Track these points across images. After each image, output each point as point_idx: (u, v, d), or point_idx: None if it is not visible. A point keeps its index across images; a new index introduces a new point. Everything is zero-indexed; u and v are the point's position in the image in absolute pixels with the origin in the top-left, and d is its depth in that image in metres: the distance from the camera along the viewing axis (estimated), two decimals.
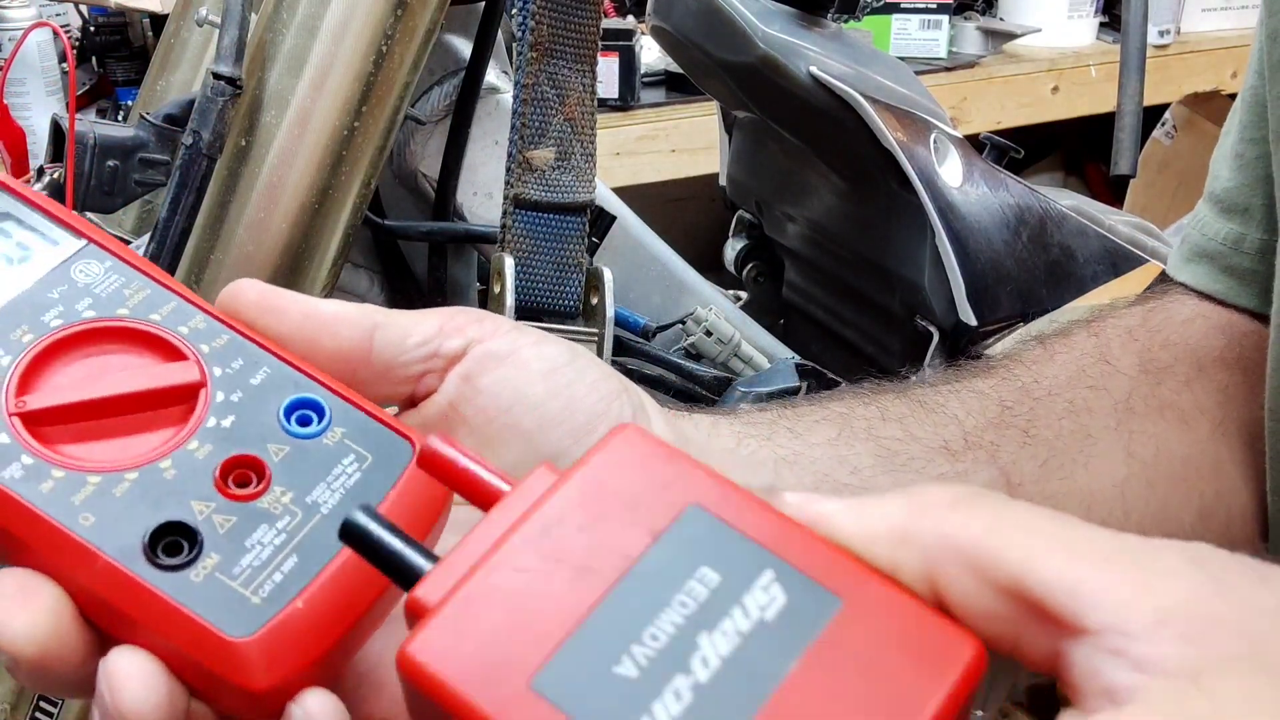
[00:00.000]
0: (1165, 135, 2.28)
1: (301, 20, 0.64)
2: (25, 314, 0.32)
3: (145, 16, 1.70)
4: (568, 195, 0.70)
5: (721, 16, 0.91)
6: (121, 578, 0.29)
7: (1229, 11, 2.32)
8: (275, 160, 0.64)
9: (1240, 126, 0.58)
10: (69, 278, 0.33)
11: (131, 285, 0.33)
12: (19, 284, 0.32)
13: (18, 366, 0.31)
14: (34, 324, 0.32)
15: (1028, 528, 0.24)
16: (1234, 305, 0.57)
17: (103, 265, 0.33)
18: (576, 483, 0.27)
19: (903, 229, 0.92)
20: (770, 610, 0.25)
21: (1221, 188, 0.58)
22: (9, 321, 0.32)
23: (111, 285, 0.33)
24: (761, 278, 1.15)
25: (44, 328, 0.32)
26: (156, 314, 0.33)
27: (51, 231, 0.34)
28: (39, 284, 0.32)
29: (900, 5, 1.99)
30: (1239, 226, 0.57)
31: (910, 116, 0.92)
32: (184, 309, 0.33)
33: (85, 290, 0.33)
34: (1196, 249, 0.59)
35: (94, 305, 0.32)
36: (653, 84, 1.83)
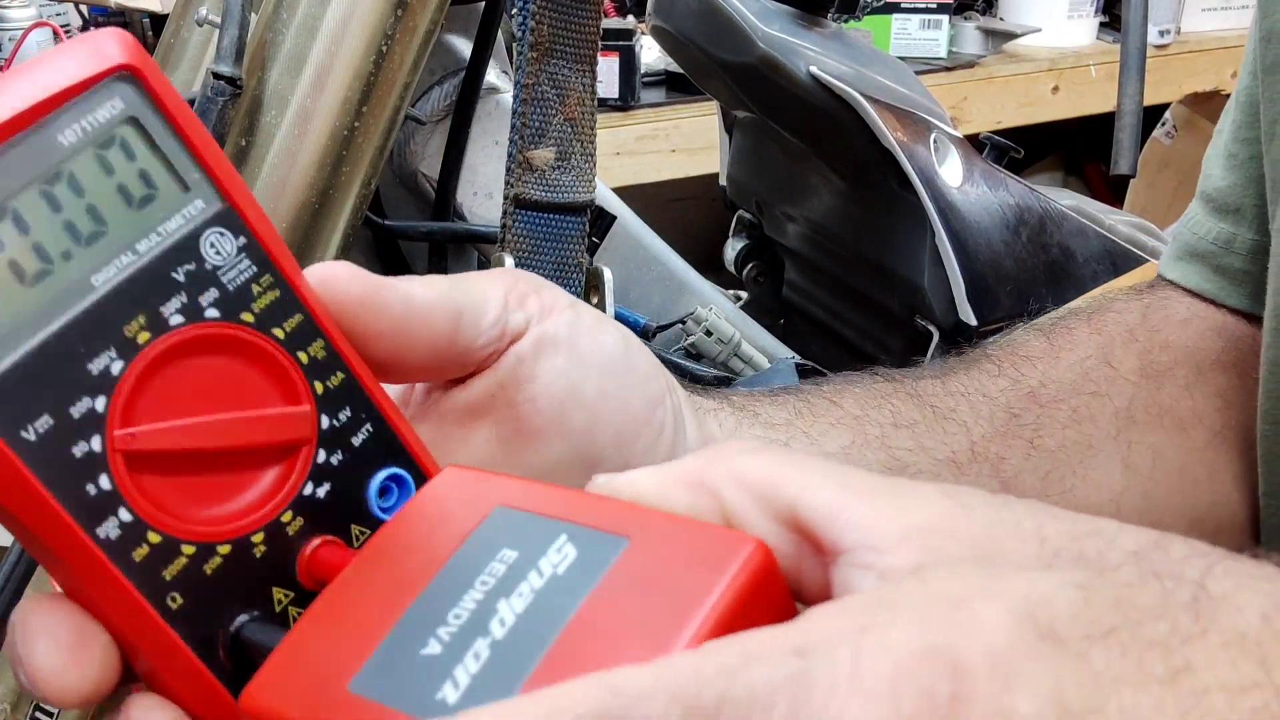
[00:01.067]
0: (1165, 135, 2.28)
1: (301, 20, 0.64)
2: (144, 298, 0.25)
3: (145, 16, 1.70)
4: (568, 195, 0.70)
5: (721, 16, 0.91)
6: (195, 671, 0.26)
7: (1229, 11, 2.32)
8: (275, 160, 0.64)
9: (1233, 126, 0.58)
10: (199, 253, 0.26)
11: (262, 280, 0.27)
12: (140, 246, 0.25)
13: (127, 379, 0.25)
14: (152, 318, 0.25)
15: (806, 467, 0.26)
16: (1225, 305, 0.57)
17: (236, 242, 0.27)
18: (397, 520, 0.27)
19: (903, 229, 0.92)
20: (562, 565, 0.24)
21: (1214, 187, 0.59)
22: (126, 306, 0.25)
23: (242, 275, 0.27)
24: (761, 278, 1.15)
25: (163, 325, 0.25)
26: (280, 329, 0.27)
27: (186, 169, 0.26)
28: (165, 256, 0.25)
29: (900, 5, 1.99)
30: (1230, 226, 0.57)
31: (910, 116, 0.92)
32: (308, 326, 0.28)
33: (213, 277, 0.26)
34: (1188, 248, 0.59)
35: (219, 302, 0.26)
36: (653, 84, 1.83)
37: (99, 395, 0.24)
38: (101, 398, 0.24)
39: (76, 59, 0.25)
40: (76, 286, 0.24)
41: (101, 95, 0.25)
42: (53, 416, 0.24)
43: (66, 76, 0.25)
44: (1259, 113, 0.55)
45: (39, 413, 0.23)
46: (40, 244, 0.24)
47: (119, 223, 0.25)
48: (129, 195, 0.25)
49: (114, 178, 0.25)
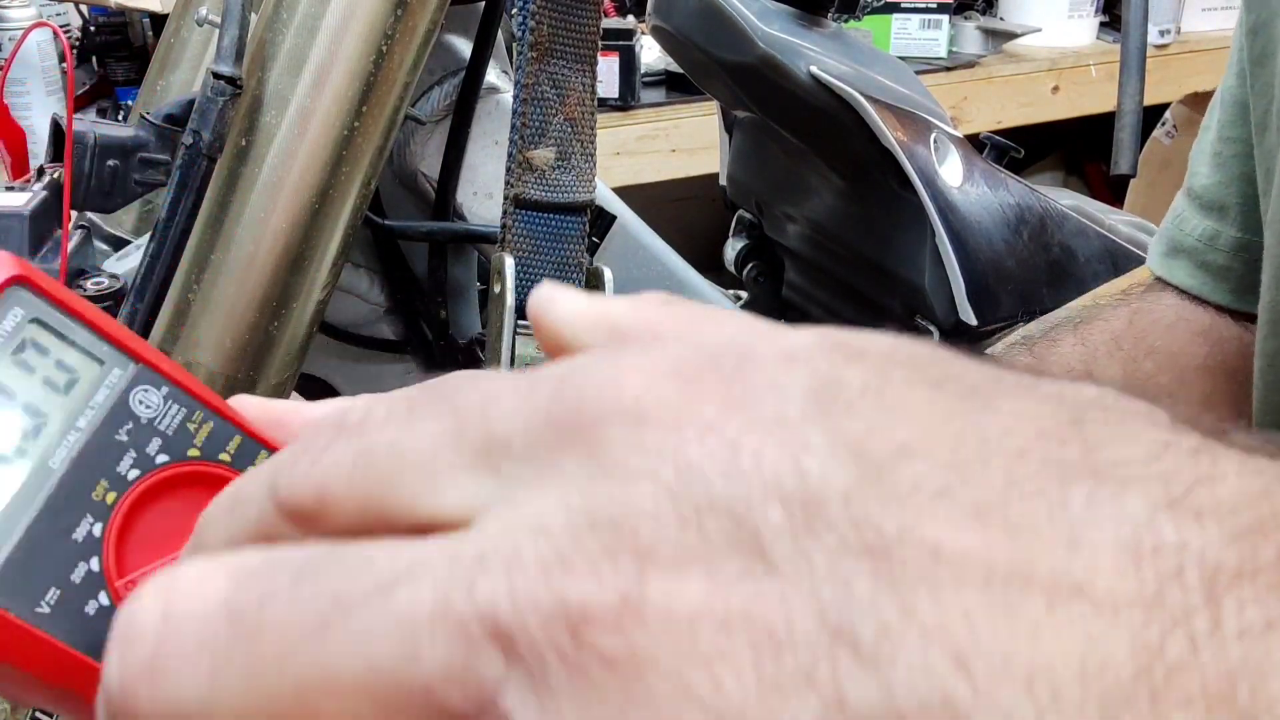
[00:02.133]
0: (1165, 135, 2.28)
1: (301, 20, 0.64)
2: (101, 465, 0.28)
3: (145, 16, 1.71)
4: (568, 195, 0.70)
5: (721, 16, 0.91)
6: None
7: (1229, 11, 2.31)
8: (275, 160, 0.64)
9: (1219, 125, 0.58)
10: (131, 412, 0.29)
11: (194, 417, 0.30)
12: (80, 423, 0.28)
13: (109, 536, 0.27)
14: (113, 478, 0.28)
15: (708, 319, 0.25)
16: (1209, 302, 0.58)
17: (160, 393, 0.29)
18: None
19: (903, 229, 0.92)
20: None
21: (1200, 184, 0.59)
22: (87, 476, 0.28)
23: (175, 419, 0.29)
24: (761, 278, 1.15)
25: (124, 483, 0.28)
26: (225, 453, 0.30)
27: (94, 346, 0.29)
28: (104, 424, 0.28)
29: (900, 5, 1.99)
30: (1215, 223, 0.57)
31: (910, 116, 0.92)
32: (248, 445, 0.30)
33: (151, 428, 0.29)
34: (1174, 244, 0.59)
35: (165, 447, 0.29)
36: (653, 84, 1.83)
37: (91, 557, 0.27)
38: (94, 558, 0.27)
39: None
40: (39, 474, 0.27)
41: (2, 308, 0.28)
42: (59, 587, 0.26)
43: None
44: (1244, 111, 0.56)
45: (46, 588, 0.26)
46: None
47: (55, 410, 0.28)
48: (54, 385, 0.28)
49: (37, 374, 0.28)
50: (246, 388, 0.65)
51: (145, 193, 0.69)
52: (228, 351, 0.65)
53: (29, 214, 0.74)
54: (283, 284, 0.65)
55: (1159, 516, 0.16)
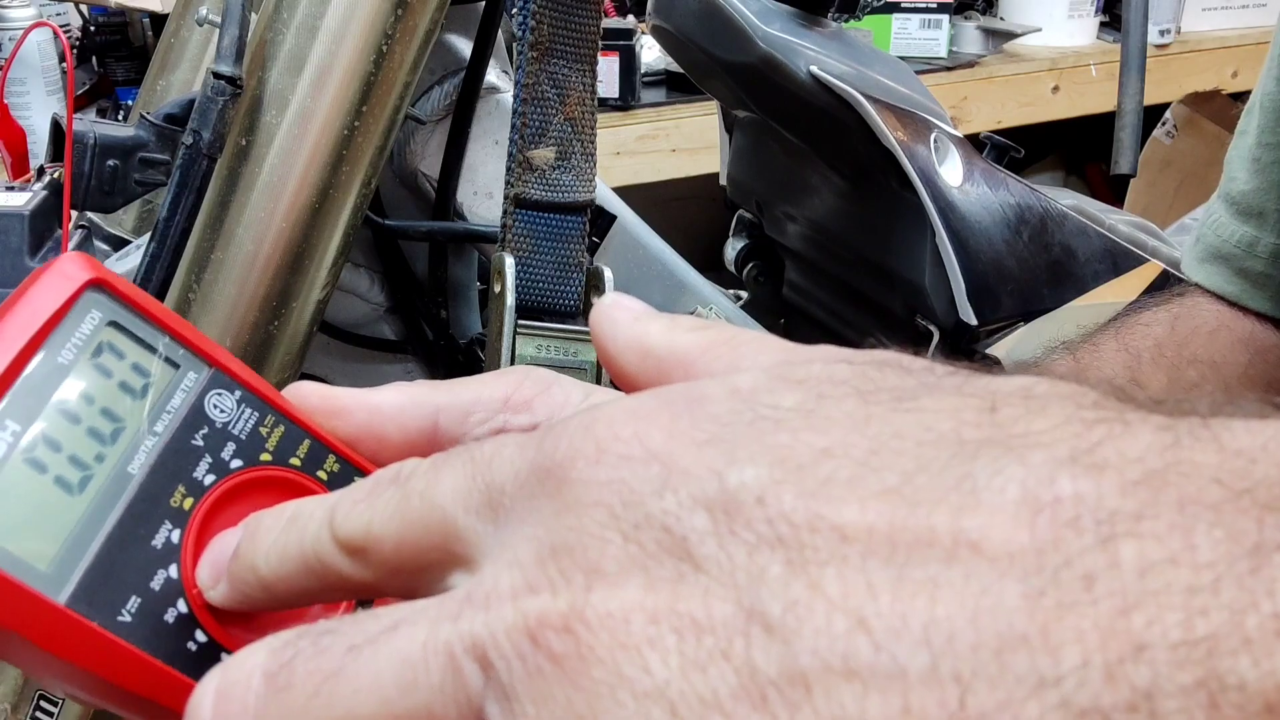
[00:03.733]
0: (1166, 135, 2.28)
1: (302, 20, 0.64)
2: (177, 470, 0.28)
3: (145, 16, 1.71)
4: (568, 195, 0.70)
5: (722, 16, 0.91)
6: None
7: (1229, 11, 2.32)
8: (276, 160, 0.64)
9: (1258, 130, 0.58)
10: (206, 417, 0.29)
11: (266, 421, 0.30)
12: (157, 427, 0.28)
13: (188, 542, 0.28)
14: (190, 484, 0.28)
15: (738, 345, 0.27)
16: (1248, 309, 0.57)
17: (234, 397, 0.30)
18: None
19: (903, 229, 0.92)
20: None
21: (1238, 190, 0.58)
22: (164, 482, 0.28)
23: (248, 423, 0.30)
24: (762, 277, 1.15)
25: (200, 488, 0.28)
26: (295, 458, 0.30)
27: (170, 350, 0.29)
28: (180, 429, 0.29)
29: (900, 5, 1.99)
30: (1254, 230, 0.57)
31: (910, 116, 0.92)
32: (317, 448, 0.31)
33: (225, 433, 0.29)
34: (1211, 250, 0.59)
35: (239, 452, 0.29)
36: (653, 84, 1.83)
37: (170, 564, 0.27)
38: (173, 565, 0.27)
39: (49, 287, 0.28)
40: (118, 480, 0.27)
41: (80, 312, 0.28)
42: (139, 595, 0.26)
43: (46, 307, 0.28)
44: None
45: (127, 596, 0.26)
46: (75, 455, 0.27)
47: (132, 414, 0.28)
48: (131, 389, 0.28)
49: (114, 378, 0.28)
50: None
51: (145, 193, 0.69)
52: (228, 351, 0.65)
53: (29, 214, 0.74)
54: (283, 283, 0.65)
55: (1058, 472, 0.18)
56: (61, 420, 0.27)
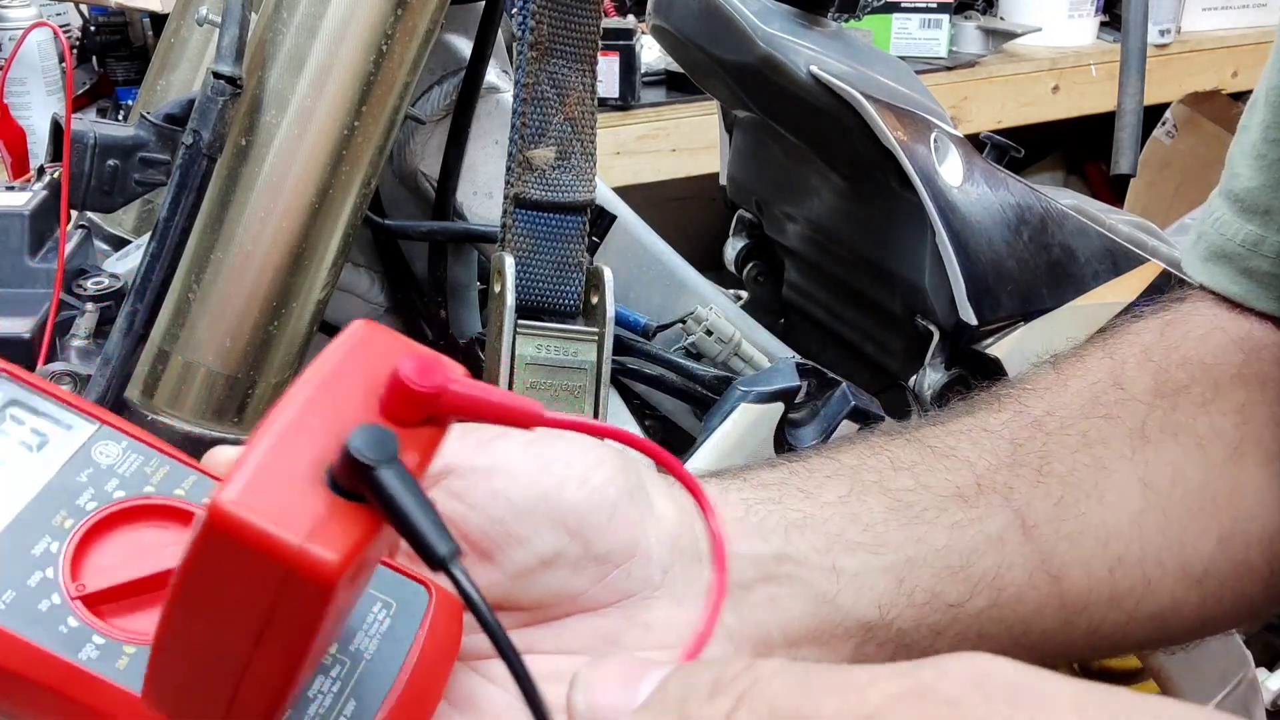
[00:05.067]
0: (1166, 134, 2.28)
1: (301, 20, 0.64)
2: (61, 499, 0.33)
3: (145, 16, 1.70)
4: (568, 195, 0.70)
5: (721, 16, 0.91)
6: None
7: (1229, 11, 2.31)
8: (275, 160, 0.64)
9: (1262, 126, 0.57)
10: (92, 460, 0.34)
11: (151, 463, 0.35)
12: (46, 470, 0.34)
13: (66, 552, 0.32)
14: (72, 509, 0.33)
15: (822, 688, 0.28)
16: (1251, 309, 0.56)
17: (119, 445, 0.35)
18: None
19: (903, 228, 0.92)
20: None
21: (1242, 187, 0.57)
22: (48, 508, 0.33)
23: (133, 464, 0.35)
24: (762, 277, 1.15)
25: (81, 511, 0.33)
26: (180, 489, 0.35)
27: (63, 416, 0.35)
28: (66, 469, 0.34)
29: (901, 5, 1.99)
30: (1259, 228, 0.56)
31: (910, 116, 0.91)
32: (203, 481, 0.35)
33: (110, 471, 0.34)
34: (1214, 249, 0.58)
35: (122, 485, 0.34)
36: (653, 83, 1.83)
37: (47, 567, 0.32)
38: (50, 568, 0.32)
39: None
40: (8, 508, 0.33)
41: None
42: (15, 590, 0.31)
43: None
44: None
45: (3, 590, 0.31)
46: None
47: (24, 462, 0.34)
48: (28, 445, 0.34)
49: (13, 438, 0.34)
50: (246, 387, 0.65)
51: (145, 192, 0.69)
52: (228, 351, 0.65)
53: (29, 214, 0.74)
54: (283, 283, 0.65)
55: None
56: None
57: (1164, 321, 0.57)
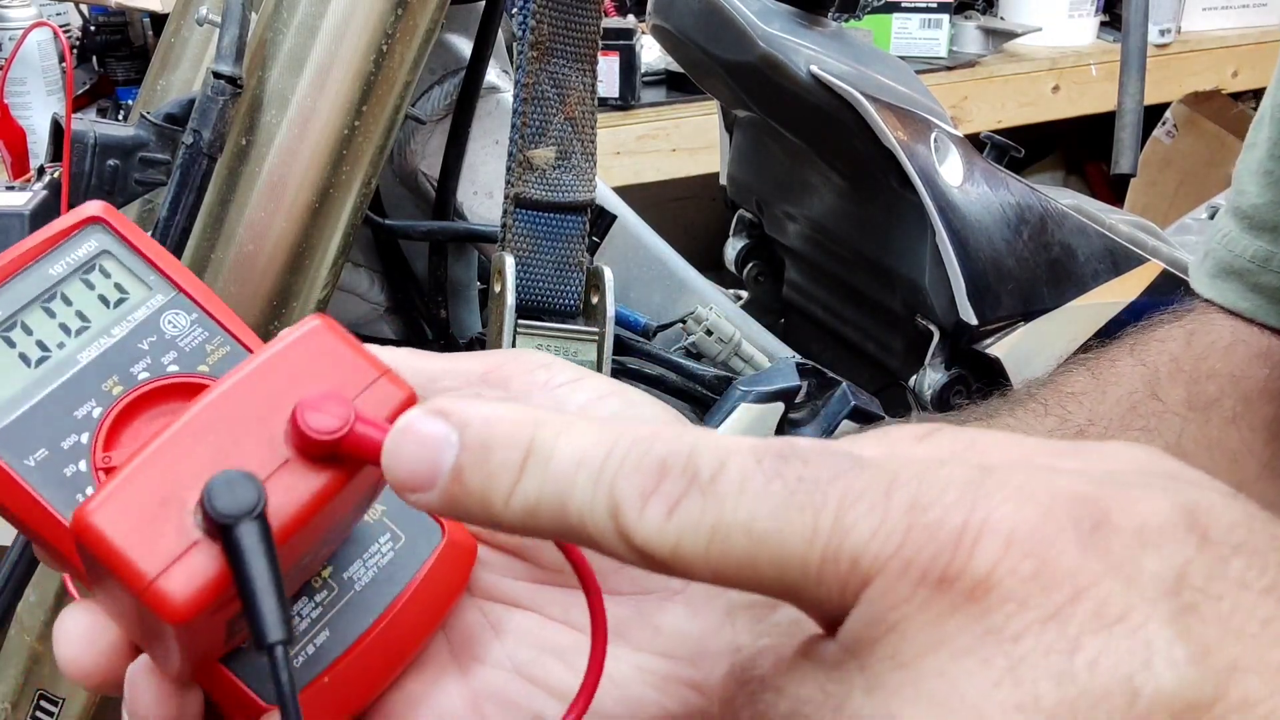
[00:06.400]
0: (1166, 134, 2.28)
1: (302, 19, 0.64)
2: (117, 364, 0.33)
3: (145, 16, 1.70)
4: (568, 194, 0.70)
5: (722, 15, 0.91)
6: None
7: (1229, 11, 2.31)
8: (276, 159, 0.64)
9: (1269, 143, 0.57)
10: (159, 328, 0.34)
11: (213, 341, 0.35)
12: (115, 331, 0.34)
13: (106, 419, 0.32)
14: (124, 376, 0.33)
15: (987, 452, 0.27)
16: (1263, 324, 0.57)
17: (189, 317, 0.35)
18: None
19: (903, 228, 0.92)
20: None
21: (1249, 204, 0.57)
22: (102, 371, 0.33)
23: (196, 339, 0.34)
24: (762, 277, 1.15)
25: (132, 380, 0.33)
26: None
27: (147, 275, 0.35)
28: (132, 334, 0.34)
29: (901, 4, 1.99)
30: (1268, 244, 0.56)
31: (910, 115, 0.92)
32: None
33: (171, 343, 0.34)
34: (1223, 265, 0.58)
35: (178, 360, 0.34)
36: (653, 83, 1.83)
37: (84, 432, 0.32)
38: (86, 434, 0.32)
39: (58, 222, 0.35)
40: (66, 362, 0.33)
41: (80, 239, 0.35)
42: (48, 449, 0.32)
43: (49, 232, 0.34)
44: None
45: (38, 447, 0.32)
46: (41, 340, 0.33)
47: (100, 319, 0.34)
48: (107, 300, 0.34)
49: (95, 290, 0.34)
50: None
51: (145, 192, 0.69)
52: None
53: (29, 213, 0.74)
54: (283, 283, 0.65)
55: None
56: (40, 314, 0.33)
57: (1188, 331, 0.57)
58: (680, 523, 0.24)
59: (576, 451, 0.25)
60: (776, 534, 0.23)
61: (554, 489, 0.25)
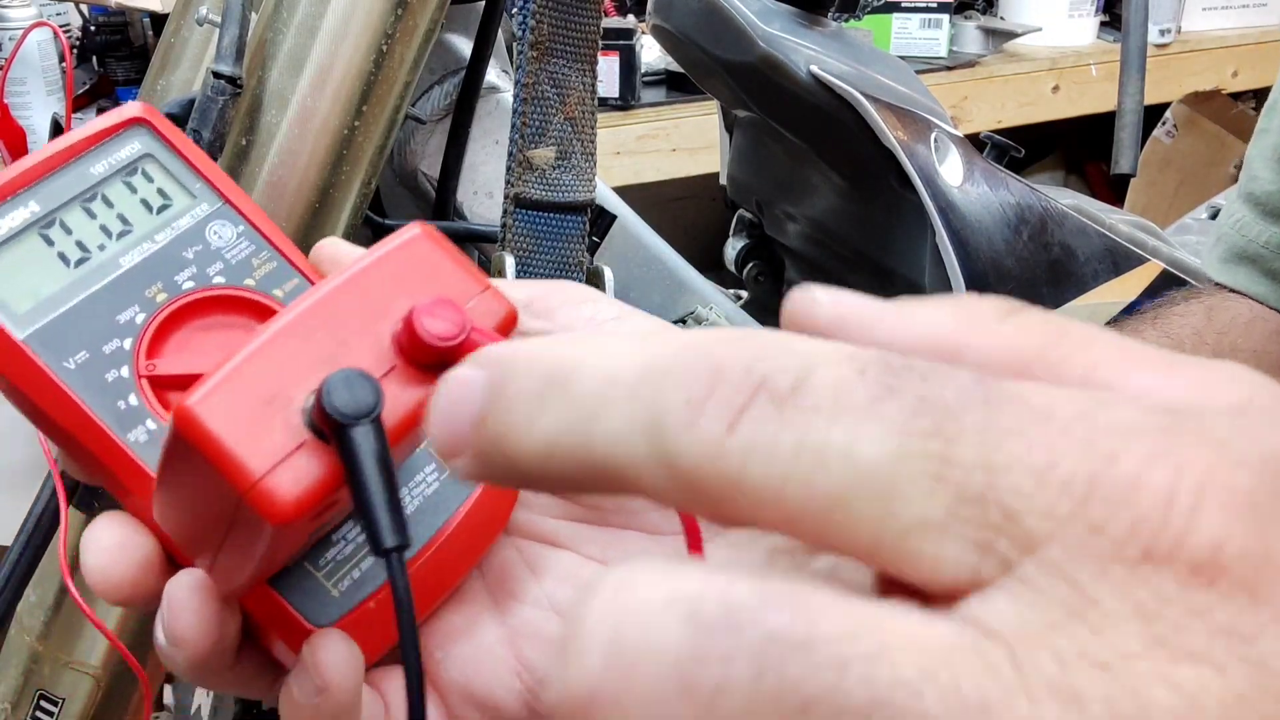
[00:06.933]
0: (1166, 134, 2.28)
1: (302, 19, 0.64)
2: (161, 271, 0.32)
3: (145, 16, 1.70)
4: (568, 194, 0.70)
5: (722, 15, 0.91)
6: None
7: (1229, 11, 2.31)
8: (276, 159, 0.64)
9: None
10: (204, 238, 0.33)
11: (260, 255, 0.34)
12: (158, 237, 0.33)
13: (150, 326, 0.32)
14: (168, 283, 0.32)
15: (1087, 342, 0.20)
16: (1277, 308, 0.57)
17: (235, 229, 0.34)
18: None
19: (903, 228, 0.92)
20: None
21: (1262, 190, 0.57)
22: (147, 276, 0.32)
23: (242, 252, 0.34)
24: (762, 277, 1.15)
25: (177, 289, 0.32)
26: (280, 290, 0.34)
27: (192, 183, 0.34)
28: (177, 241, 0.33)
29: (901, 4, 1.99)
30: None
31: (911, 115, 0.92)
32: (304, 287, 0.34)
33: (217, 254, 0.33)
34: (1236, 251, 0.58)
35: (224, 272, 0.33)
36: (653, 83, 1.83)
37: (126, 337, 0.31)
38: (129, 339, 0.31)
39: (101, 120, 0.34)
40: (107, 265, 0.32)
41: (123, 140, 0.34)
42: (89, 352, 0.31)
43: (92, 129, 0.33)
44: None
45: (78, 349, 0.31)
46: (81, 240, 0.32)
47: (142, 224, 0.33)
48: (150, 205, 0.33)
49: (138, 194, 0.33)
50: None
51: None
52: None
53: None
54: None
55: None
56: (80, 213, 0.32)
57: (1207, 307, 0.57)
58: (748, 438, 0.17)
59: (608, 369, 0.19)
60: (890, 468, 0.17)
61: (577, 416, 0.19)
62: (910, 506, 0.17)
